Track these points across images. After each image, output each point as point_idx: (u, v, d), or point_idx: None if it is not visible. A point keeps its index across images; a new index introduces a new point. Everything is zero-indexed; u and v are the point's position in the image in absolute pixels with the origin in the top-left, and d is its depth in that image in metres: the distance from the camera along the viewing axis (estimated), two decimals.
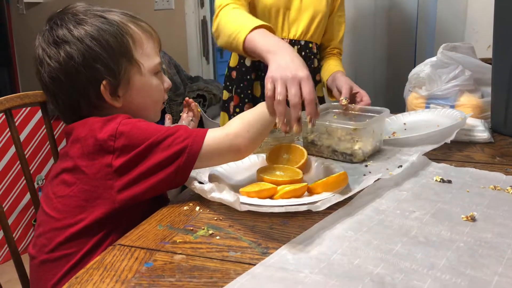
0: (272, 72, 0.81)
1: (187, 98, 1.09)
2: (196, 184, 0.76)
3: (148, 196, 0.76)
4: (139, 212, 0.75)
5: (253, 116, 0.79)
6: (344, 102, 1.11)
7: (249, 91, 1.40)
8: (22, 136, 2.25)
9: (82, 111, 0.81)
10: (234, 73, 1.42)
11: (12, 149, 2.18)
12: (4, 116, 1.04)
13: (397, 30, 1.87)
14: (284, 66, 0.80)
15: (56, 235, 0.76)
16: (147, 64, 0.83)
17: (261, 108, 0.81)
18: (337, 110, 1.13)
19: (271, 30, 0.98)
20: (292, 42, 1.35)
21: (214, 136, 0.76)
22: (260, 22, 0.98)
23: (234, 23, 1.04)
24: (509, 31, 1.12)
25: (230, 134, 0.76)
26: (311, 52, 1.39)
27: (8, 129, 1.30)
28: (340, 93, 1.24)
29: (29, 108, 2.25)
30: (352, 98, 1.23)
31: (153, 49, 0.85)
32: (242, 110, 1.38)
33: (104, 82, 0.78)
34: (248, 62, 1.39)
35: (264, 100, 0.81)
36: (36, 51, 0.80)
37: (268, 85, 0.80)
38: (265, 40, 0.92)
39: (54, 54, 0.77)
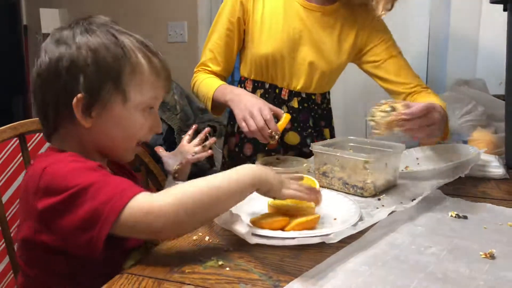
0: (238, 115, 1.11)
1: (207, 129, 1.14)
2: None
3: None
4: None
5: (193, 195, 0.66)
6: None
7: None
8: None
9: (50, 121, 0.77)
10: None
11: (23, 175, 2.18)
12: (17, 141, 1.04)
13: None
14: (243, 108, 1.10)
15: None
16: (136, 97, 0.76)
17: (206, 185, 0.68)
18: (353, 144, 1.12)
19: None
20: (293, 94, 1.28)
21: (138, 206, 0.64)
22: (217, 84, 1.23)
23: (203, 88, 1.27)
24: None
25: (153, 210, 0.64)
26: (314, 103, 1.32)
27: (19, 155, 1.30)
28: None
29: (42, 134, 2.26)
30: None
31: (152, 87, 0.78)
32: (241, 149, 1.33)
33: (79, 95, 0.72)
34: None
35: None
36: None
37: (243, 124, 1.09)
38: (222, 94, 1.19)
39: (50, 51, 0.74)
